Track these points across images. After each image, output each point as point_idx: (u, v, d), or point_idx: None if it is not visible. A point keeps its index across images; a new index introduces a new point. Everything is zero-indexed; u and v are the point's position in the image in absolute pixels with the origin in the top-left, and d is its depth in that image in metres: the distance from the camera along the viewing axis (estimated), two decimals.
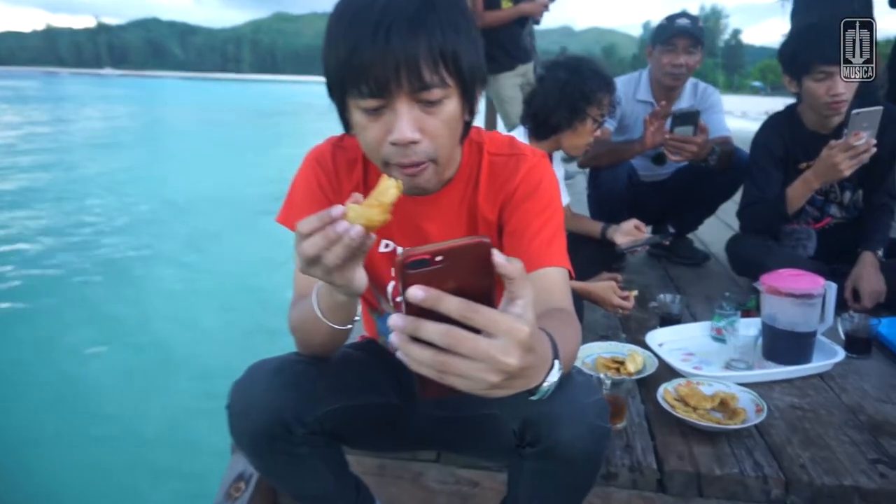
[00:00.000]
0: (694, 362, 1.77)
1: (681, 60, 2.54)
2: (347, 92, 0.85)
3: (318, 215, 0.68)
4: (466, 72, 0.86)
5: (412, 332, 0.55)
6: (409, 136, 0.84)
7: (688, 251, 2.93)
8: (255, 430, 0.95)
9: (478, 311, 0.55)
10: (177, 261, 6.15)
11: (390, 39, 0.79)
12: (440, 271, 0.56)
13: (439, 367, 0.55)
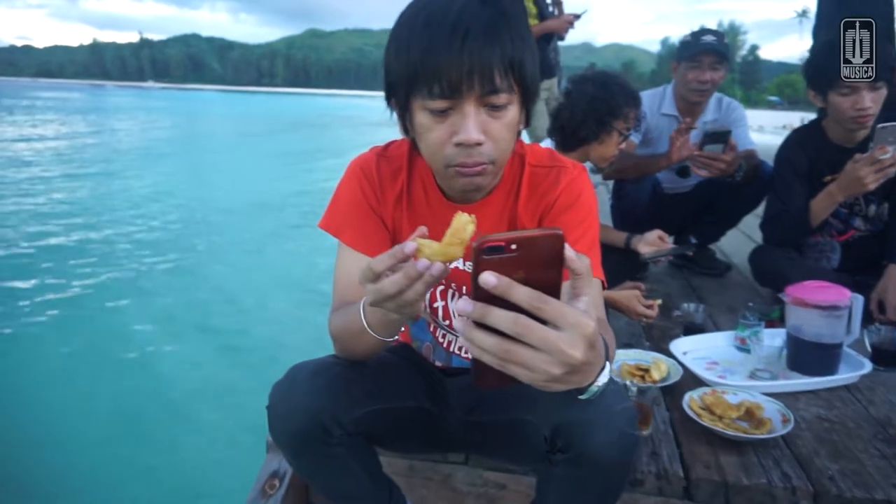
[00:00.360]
0: (718, 371, 1.78)
1: (706, 77, 2.56)
2: (414, 93, 0.88)
3: (391, 253, 0.69)
4: (529, 81, 0.90)
5: (480, 318, 0.56)
6: (475, 137, 0.87)
7: (710, 262, 2.93)
8: (294, 431, 0.98)
9: (547, 302, 0.56)
10: (217, 263, 6.38)
11: (466, 43, 0.82)
12: (512, 260, 0.56)
13: (503, 354, 0.56)
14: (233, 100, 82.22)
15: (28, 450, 3.00)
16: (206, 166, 14.63)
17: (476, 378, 0.62)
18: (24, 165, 13.02)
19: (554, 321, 0.57)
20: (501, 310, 0.56)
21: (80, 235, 7.35)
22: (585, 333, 0.57)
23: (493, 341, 0.57)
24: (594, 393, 0.68)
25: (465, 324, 0.58)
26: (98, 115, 34.51)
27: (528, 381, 0.59)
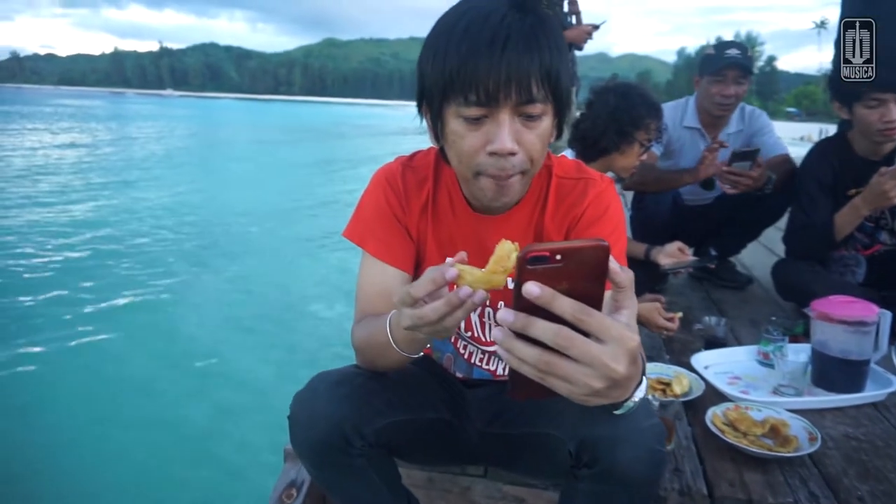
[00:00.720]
0: (741, 386, 1.75)
1: (730, 91, 2.54)
2: (449, 100, 0.88)
3: (431, 279, 0.69)
4: (563, 92, 0.90)
5: (521, 329, 0.55)
6: (509, 146, 0.86)
7: (730, 274, 2.90)
8: (315, 441, 0.97)
9: (591, 314, 0.55)
10: (232, 267, 6.44)
11: (506, 51, 0.82)
12: (556, 270, 0.55)
13: (544, 367, 0.56)
14: (250, 108, 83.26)
15: (48, 456, 3.03)
16: (225, 174, 14.80)
17: (512, 390, 0.61)
18: (43, 172, 13.24)
19: (597, 334, 0.56)
20: (544, 321, 0.55)
21: (102, 243, 7.44)
22: (629, 347, 0.57)
23: (534, 353, 0.56)
24: (630, 408, 0.68)
25: (505, 334, 0.57)
26: (118, 122, 35.08)
27: (567, 394, 0.58)
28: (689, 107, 2.73)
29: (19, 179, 11.99)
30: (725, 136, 2.70)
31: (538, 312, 0.55)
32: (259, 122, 43.41)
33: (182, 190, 11.70)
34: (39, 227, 8.08)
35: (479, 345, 1.20)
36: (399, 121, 52.37)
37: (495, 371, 1.22)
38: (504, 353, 0.57)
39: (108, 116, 41.32)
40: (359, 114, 74.24)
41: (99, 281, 5.86)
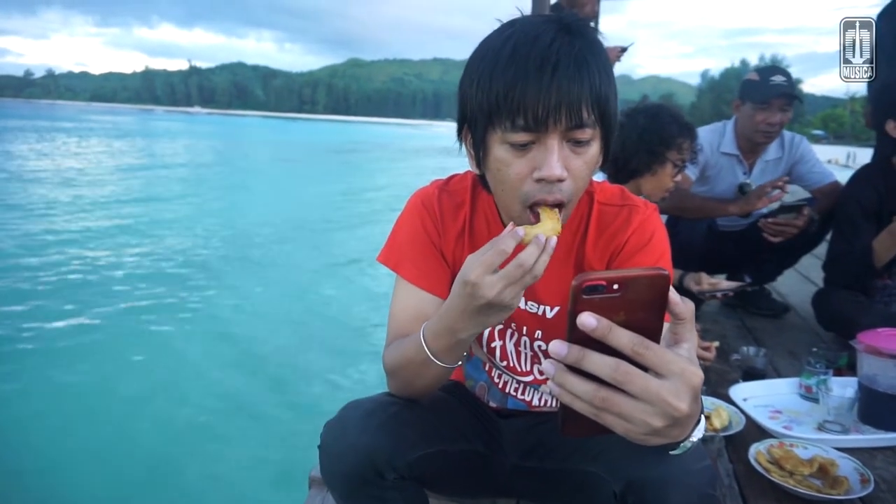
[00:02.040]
0: (783, 421, 1.67)
1: (776, 119, 2.46)
2: (494, 125, 0.84)
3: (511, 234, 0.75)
4: (612, 117, 0.87)
5: (575, 362, 0.52)
6: (558, 172, 0.82)
7: (766, 302, 2.81)
8: (347, 473, 0.94)
9: (650, 347, 0.52)
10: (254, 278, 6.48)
11: (556, 76, 0.79)
12: (613, 300, 0.52)
13: (600, 403, 0.52)
14: (274, 126, 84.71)
15: (66, 471, 3.03)
16: (250, 190, 15.02)
17: (563, 426, 0.57)
18: (72, 185, 13.56)
19: (657, 368, 0.52)
20: (600, 354, 0.52)
21: (127, 256, 7.57)
22: (692, 383, 0.53)
23: (589, 388, 0.52)
24: (687, 449, 0.64)
25: (558, 368, 0.53)
26: (147, 138, 35.99)
27: (623, 432, 0.54)
28: (726, 132, 2.66)
29: (35, 186, 12.29)
30: (763, 164, 2.63)
31: (593, 345, 0.52)
32: (282, 139, 44.11)
33: (205, 204, 11.87)
34: (71, 234, 8.25)
35: (514, 374, 1.15)
36: (420, 140, 52.98)
37: (531, 401, 1.17)
38: (556, 388, 0.54)
39: (136, 132, 42.40)
40: (381, 132, 75.12)
41: (113, 291, 5.94)
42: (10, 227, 8.67)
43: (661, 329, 0.55)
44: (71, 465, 3.06)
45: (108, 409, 3.65)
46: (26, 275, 6.34)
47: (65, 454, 3.14)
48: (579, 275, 0.52)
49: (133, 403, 3.75)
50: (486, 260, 0.74)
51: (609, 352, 0.52)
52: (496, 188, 0.92)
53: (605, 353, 0.52)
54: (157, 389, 3.94)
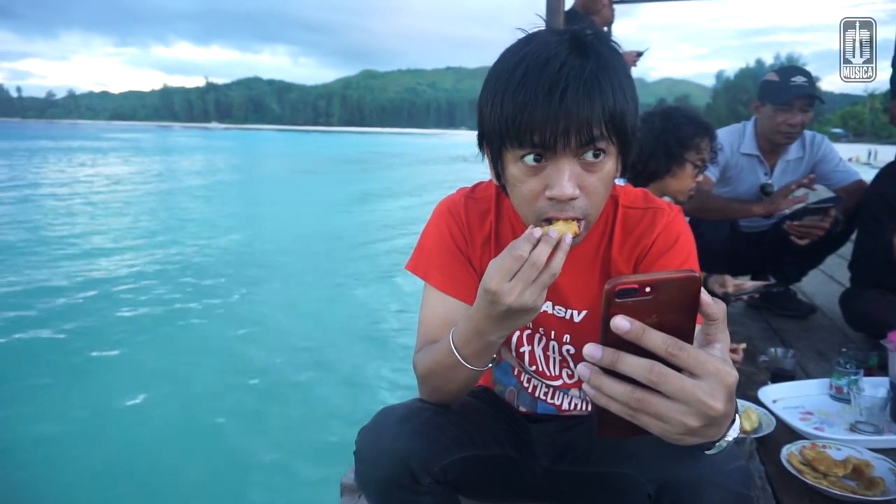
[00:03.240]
0: (814, 422, 1.65)
1: (797, 120, 2.45)
2: (507, 145, 0.86)
3: (526, 237, 0.76)
4: (628, 132, 0.86)
5: (610, 364, 0.53)
6: (569, 192, 0.83)
7: (792, 303, 2.77)
8: (382, 478, 0.95)
9: (684, 348, 0.52)
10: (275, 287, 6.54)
11: (565, 100, 0.79)
12: (645, 303, 0.53)
13: (635, 404, 0.53)
14: (288, 138, 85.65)
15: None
16: (268, 202, 15.19)
17: (599, 428, 0.59)
18: (95, 200, 13.81)
19: (691, 369, 0.53)
20: (635, 356, 0.53)
21: (152, 265, 7.69)
22: (726, 383, 0.54)
23: (624, 389, 0.53)
24: (723, 448, 0.64)
25: (592, 371, 0.54)
26: (166, 154, 36.63)
27: (659, 433, 0.55)
28: (746, 133, 2.64)
29: (53, 201, 12.54)
30: (785, 164, 2.61)
31: (626, 347, 0.53)
32: (298, 151, 44.60)
33: (223, 218, 12.03)
34: (97, 248, 8.41)
35: (543, 379, 1.16)
36: (432, 149, 53.17)
37: (560, 405, 1.18)
38: (591, 390, 0.55)
39: (155, 149, 43.13)
40: (395, 142, 75.54)
41: (132, 302, 6.03)
42: (34, 238, 8.87)
43: (693, 330, 0.55)
44: (87, 476, 3.10)
45: (128, 421, 3.70)
46: (45, 281, 6.47)
47: (75, 469, 3.19)
48: (611, 279, 0.53)
49: (155, 412, 3.79)
50: (504, 266, 0.75)
51: (642, 354, 0.53)
52: (514, 201, 0.94)
53: (639, 355, 0.53)
54: (182, 399, 3.99)
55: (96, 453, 3.32)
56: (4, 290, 6.37)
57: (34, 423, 3.63)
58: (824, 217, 2.31)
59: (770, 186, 2.61)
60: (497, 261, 0.77)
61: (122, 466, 3.19)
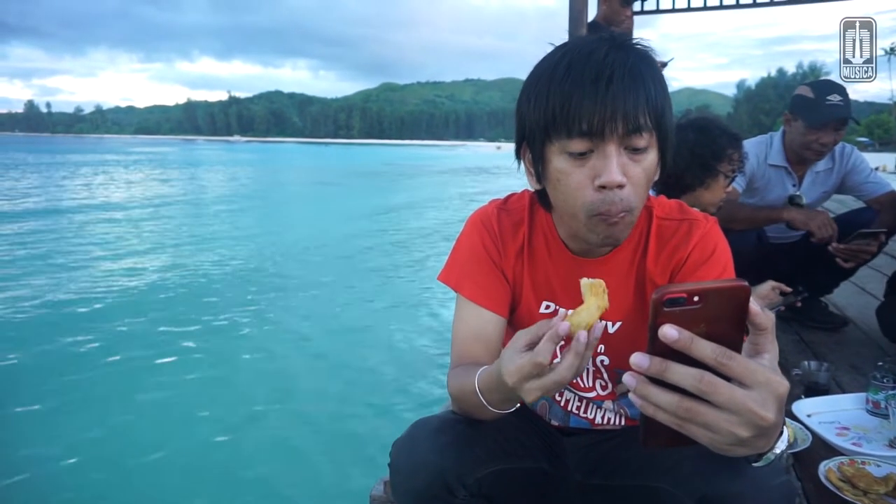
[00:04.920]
0: (851, 438, 1.61)
1: (829, 140, 2.40)
2: (553, 137, 0.87)
3: (549, 337, 0.69)
4: (667, 127, 0.89)
5: (658, 374, 0.53)
6: (618, 178, 0.85)
7: (823, 315, 2.72)
8: (417, 490, 0.95)
9: (734, 358, 0.52)
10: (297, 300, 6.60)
11: (611, 87, 0.82)
12: (694, 312, 0.53)
13: (684, 413, 0.53)
14: (309, 150, 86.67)
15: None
16: (289, 213, 15.37)
17: (645, 439, 0.58)
18: (122, 212, 14.08)
19: (741, 379, 0.53)
20: (684, 366, 0.52)
21: (183, 274, 7.80)
22: (778, 393, 0.53)
23: (673, 399, 0.53)
24: (770, 461, 0.64)
25: (640, 380, 0.54)
26: (192, 167, 37.24)
27: (708, 443, 0.55)
28: (773, 144, 2.61)
29: (79, 215, 12.81)
30: (813, 175, 2.58)
31: (673, 356, 0.53)
32: (319, 164, 45.12)
33: (248, 228, 12.18)
34: (129, 255, 8.56)
35: (576, 390, 1.16)
36: (452, 160, 53.37)
37: (593, 420, 1.17)
38: (638, 399, 0.55)
39: (182, 161, 43.95)
40: (414, 154, 75.99)
41: (163, 312, 6.11)
42: (64, 249, 9.06)
43: (741, 340, 0.55)
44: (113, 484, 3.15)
45: (158, 435, 3.72)
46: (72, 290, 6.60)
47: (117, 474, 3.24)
48: (659, 288, 0.53)
49: (184, 427, 3.82)
50: (523, 369, 0.72)
51: (689, 364, 0.53)
52: (557, 200, 0.94)
53: (686, 364, 0.53)
54: (211, 413, 4.01)
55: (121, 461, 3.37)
56: (34, 297, 6.51)
57: (79, 426, 3.72)
58: (872, 241, 2.27)
59: (798, 198, 2.57)
60: (515, 353, 0.73)
61: (151, 474, 3.23)
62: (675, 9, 5.02)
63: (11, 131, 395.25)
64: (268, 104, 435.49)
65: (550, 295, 1.09)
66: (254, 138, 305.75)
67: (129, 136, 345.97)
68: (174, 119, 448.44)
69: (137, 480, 3.17)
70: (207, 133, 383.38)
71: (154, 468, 3.29)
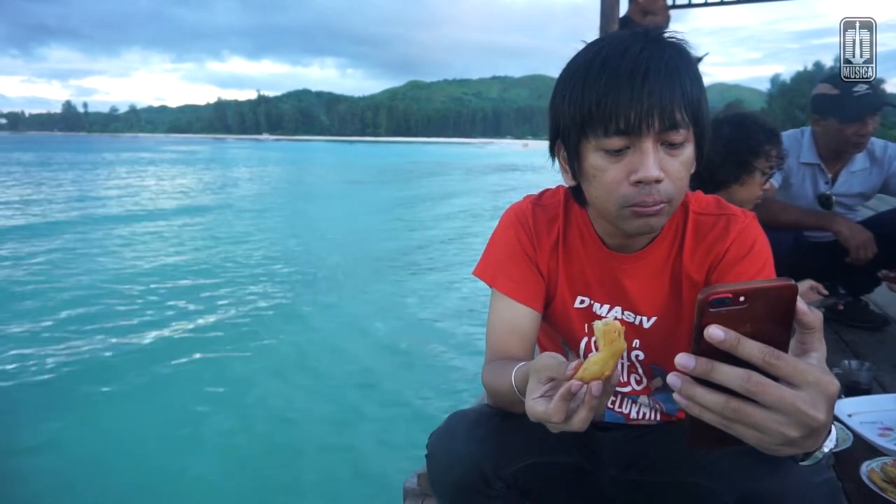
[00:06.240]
0: (894, 438, 1.57)
1: (869, 129, 2.33)
2: (589, 134, 0.87)
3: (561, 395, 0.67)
4: (704, 121, 0.89)
5: (704, 374, 0.53)
6: (655, 173, 0.84)
7: (864, 314, 2.65)
8: (455, 481, 0.97)
9: (782, 357, 0.52)
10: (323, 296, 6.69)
11: (647, 82, 0.82)
12: (740, 312, 0.53)
13: (731, 414, 0.53)
14: (336, 148, 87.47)
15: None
16: (315, 208, 15.55)
17: (691, 439, 0.58)
18: (152, 208, 14.42)
19: (789, 379, 0.52)
20: (731, 366, 0.52)
21: (218, 270, 7.99)
22: (828, 392, 0.53)
23: (719, 400, 0.53)
24: (818, 459, 0.62)
25: (685, 380, 0.54)
26: (221, 164, 37.93)
27: (756, 443, 0.54)
28: (804, 141, 2.54)
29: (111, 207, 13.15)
30: (849, 175, 2.51)
31: (719, 357, 0.53)
32: (347, 162, 45.55)
33: (276, 227, 12.36)
34: (157, 249, 8.78)
35: None
36: (477, 158, 53.25)
37: (629, 415, 1.17)
38: (683, 400, 0.55)
39: (214, 160, 44.86)
40: (441, 152, 76.11)
41: (190, 312, 6.23)
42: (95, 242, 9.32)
43: (788, 340, 0.55)
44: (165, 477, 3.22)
45: (193, 430, 3.80)
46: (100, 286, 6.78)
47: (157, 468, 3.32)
48: (705, 288, 0.54)
49: (214, 423, 3.90)
50: (541, 418, 0.71)
51: (736, 364, 0.52)
52: (592, 195, 0.94)
53: (732, 364, 0.52)
54: (240, 408, 4.09)
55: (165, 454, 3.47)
56: (73, 293, 6.71)
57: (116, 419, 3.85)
58: None
59: (828, 198, 2.51)
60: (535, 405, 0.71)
61: (184, 471, 3.31)
62: (708, 2, 4.91)
63: (50, 131, 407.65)
64: (296, 103, 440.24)
65: (585, 290, 1.09)
66: (282, 136, 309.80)
67: (162, 135, 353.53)
68: (205, 118, 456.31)
69: (182, 457, 3.31)
70: (237, 131, 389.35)
71: (191, 450, 3.40)
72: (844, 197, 2.55)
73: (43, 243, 9.64)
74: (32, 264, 8.26)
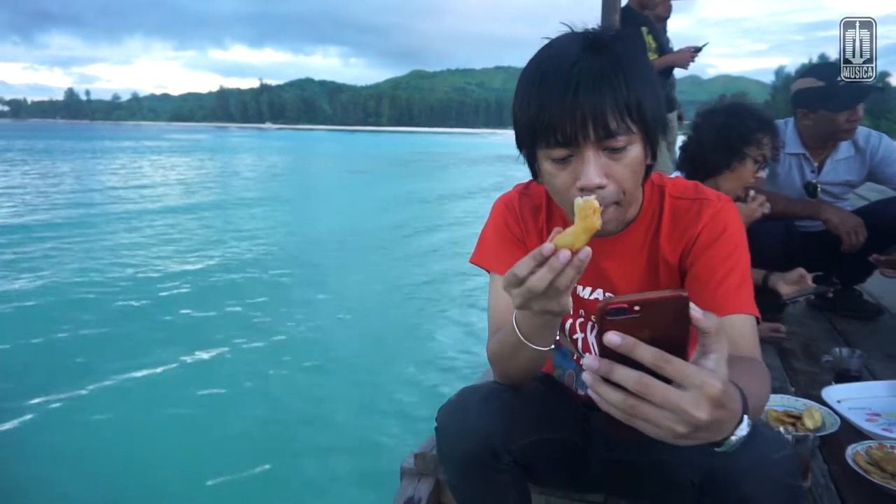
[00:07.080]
0: (881, 424, 1.60)
1: (860, 114, 2.35)
2: (537, 144, 0.92)
3: (532, 255, 0.73)
4: (649, 119, 0.90)
5: (605, 374, 0.59)
6: (595, 181, 0.88)
7: (857, 303, 2.67)
8: (465, 454, 1.01)
9: (670, 361, 0.58)
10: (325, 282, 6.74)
11: (578, 96, 0.85)
12: (637, 320, 0.59)
13: (629, 409, 0.59)
14: (338, 138, 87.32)
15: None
16: (316, 196, 15.57)
17: (608, 427, 0.65)
18: (155, 198, 14.45)
19: (678, 380, 0.58)
20: (625, 368, 0.58)
21: (216, 265, 8.00)
22: (711, 394, 0.58)
23: (619, 397, 0.59)
24: (732, 445, 0.66)
25: (594, 379, 0.60)
26: (224, 153, 37.90)
27: (654, 435, 0.60)
28: (788, 132, 2.54)
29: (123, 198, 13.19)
30: (834, 163, 2.53)
31: (623, 359, 0.59)
32: (349, 152, 45.50)
33: (281, 215, 12.41)
34: (161, 242, 8.82)
35: None
36: (479, 149, 53.16)
37: None
38: (594, 395, 0.61)
39: (217, 148, 44.84)
40: (444, 142, 75.89)
41: (191, 303, 6.26)
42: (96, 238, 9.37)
43: (686, 343, 0.61)
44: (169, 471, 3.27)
45: (193, 415, 3.85)
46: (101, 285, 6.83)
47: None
48: (603, 300, 0.61)
49: (219, 407, 3.95)
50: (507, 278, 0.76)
51: (639, 366, 0.58)
52: (551, 195, 1.00)
53: (637, 366, 0.58)
54: (240, 394, 4.15)
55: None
56: (77, 278, 6.77)
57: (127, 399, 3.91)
58: None
59: (815, 186, 2.53)
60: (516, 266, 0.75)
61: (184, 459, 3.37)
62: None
63: (53, 118, 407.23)
64: (299, 91, 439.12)
65: None
66: (285, 125, 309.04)
67: (165, 123, 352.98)
68: (207, 106, 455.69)
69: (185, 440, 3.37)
70: (240, 120, 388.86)
71: (191, 436, 3.46)
72: (831, 185, 2.56)
73: (36, 244, 9.62)
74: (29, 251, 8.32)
